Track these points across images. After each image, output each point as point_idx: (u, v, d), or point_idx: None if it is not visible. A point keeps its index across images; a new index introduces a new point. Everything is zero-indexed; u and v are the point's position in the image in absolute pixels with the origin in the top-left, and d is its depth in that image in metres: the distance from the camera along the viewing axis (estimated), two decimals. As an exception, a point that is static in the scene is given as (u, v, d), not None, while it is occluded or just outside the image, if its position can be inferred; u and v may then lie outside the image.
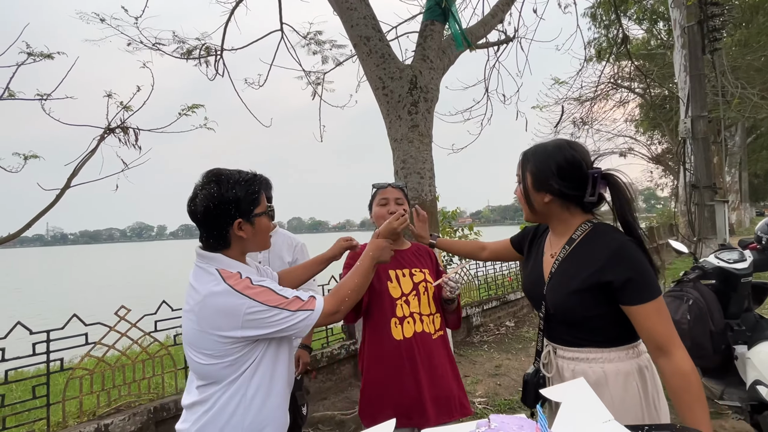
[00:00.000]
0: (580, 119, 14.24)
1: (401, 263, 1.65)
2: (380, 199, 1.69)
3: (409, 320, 1.56)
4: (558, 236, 1.24)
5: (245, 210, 1.18)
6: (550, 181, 1.16)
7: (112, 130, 4.27)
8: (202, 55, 4.98)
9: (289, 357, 1.28)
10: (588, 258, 1.12)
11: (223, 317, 1.09)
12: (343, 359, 3.82)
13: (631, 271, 1.05)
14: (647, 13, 13.49)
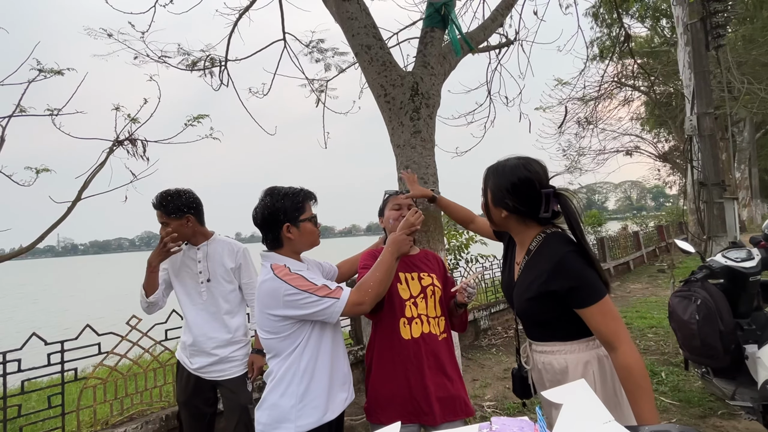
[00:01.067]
0: (584, 119, 14.17)
1: (410, 267, 1.71)
2: (393, 204, 1.80)
3: (417, 321, 1.62)
4: (520, 246, 1.37)
5: (292, 216, 1.49)
6: (505, 199, 1.29)
7: (121, 143, 4.35)
8: (206, 66, 5.07)
9: (333, 341, 1.52)
10: (537, 269, 1.26)
11: (270, 298, 1.39)
12: (352, 365, 3.83)
13: (572, 280, 1.18)
14: (649, 11, 13.43)
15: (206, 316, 2.10)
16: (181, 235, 2.06)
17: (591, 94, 12.71)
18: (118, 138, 4.33)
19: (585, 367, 1.24)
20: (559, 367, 1.27)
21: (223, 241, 2.20)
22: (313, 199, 1.59)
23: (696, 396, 3.07)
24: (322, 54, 5.73)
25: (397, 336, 1.59)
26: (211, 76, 5.14)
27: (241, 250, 2.20)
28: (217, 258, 2.13)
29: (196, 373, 2.09)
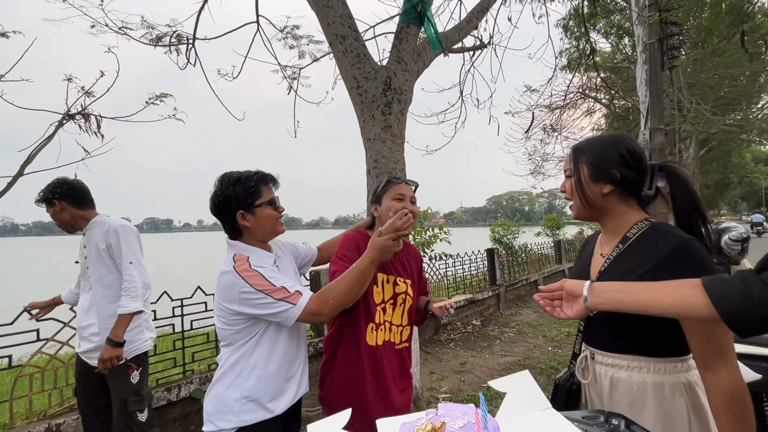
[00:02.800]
0: (549, 126, 14.75)
1: (388, 269, 1.59)
2: (396, 194, 1.55)
3: (382, 327, 1.54)
4: (610, 235, 1.13)
5: (245, 203, 1.38)
6: (611, 170, 1.07)
7: (72, 116, 4.06)
8: (172, 43, 4.81)
9: (290, 337, 1.45)
10: (644, 255, 1.01)
11: (227, 292, 1.33)
12: (311, 356, 3.81)
13: (692, 270, 0.90)
14: (614, 28, 14.13)
15: (87, 300, 2.08)
16: (60, 222, 2.10)
17: (557, 103, 13.25)
18: (69, 111, 4.04)
19: (672, 391, 0.97)
20: (636, 387, 1.00)
21: (100, 222, 2.13)
22: (271, 181, 1.46)
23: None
24: (296, 41, 5.60)
25: (363, 341, 1.50)
26: (177, 53, 4.88)
27: (111, 229, 2.07)
28: (92, 241, 2.09)
29: (82, 357, 2.08)
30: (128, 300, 2.01)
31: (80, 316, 2.10)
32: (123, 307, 2.00)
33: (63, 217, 2.10)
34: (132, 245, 2.10)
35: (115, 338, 1.96)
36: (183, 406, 2.89)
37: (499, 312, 6.52)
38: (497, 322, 5.99)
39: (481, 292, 6.32)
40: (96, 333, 2.03)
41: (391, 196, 1.56)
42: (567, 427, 0.68)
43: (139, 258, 2.11)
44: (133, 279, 2.03)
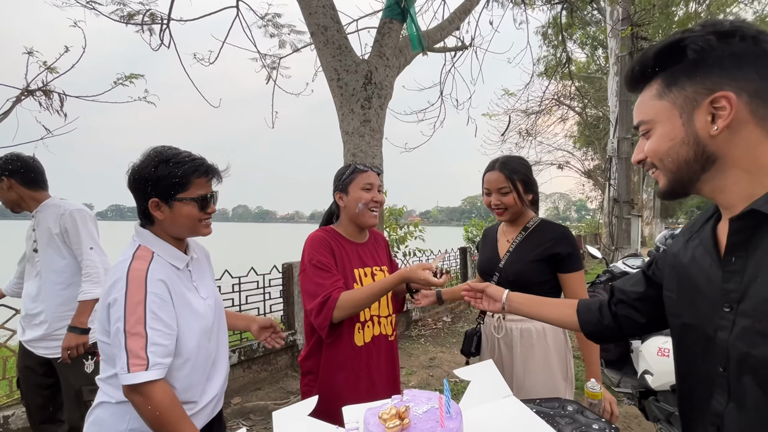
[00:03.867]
0: (525, 130, 15.14)
1: (364, 261, 1.53)
2: (365, 183, 1.49)
3: (369, 324, 1.47)
4: (515, 227, 1.64)
5: (163, 191, 1.13)
6: (532, 186, 1.61)
7: (32, 92, 3.83)
8: (145, 22, 4.60)
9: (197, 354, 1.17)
10: (539, 239, 1.55)
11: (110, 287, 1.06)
12: (280, 350, 3.78)
13: (572, 247, 1.50)
14: (589, 39, 14.64)
15: (34, 287, 1.99)
16: (5, 200, 1.98)
17: (533, 108, 13.62)
18: (28, 86, 3.81)
19: (555, 331, 1.52)
20: (537, 333, 1.51)
21: (53, 204, 2.02)
22: (208, 175, 1.19)
23: (590, 385, 3.49)
24: (277, 29, 5.48)
25: (350, 342, 1.42)
26: (150, 33, 4.67)
27: (67, 213, 1.97)
28: (44, 224, 1.98)
29: (26, 346, 1.99)
30: (91, 286, 1.93)
31: (27, 303, 2.00)
32: (85, 293, 1.92)
33: (9, 196, 1.97)
34: (90, 230, 2.01)
35: (80, 325, 1.90)
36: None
37: (470, 309, 6.67)
38: (467, 319, 6.13)
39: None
40: (44, 321, 1.94)
41: (360, 186, 1.49)
42: (526, 413, 0.72)
43: (99, 243, 2.02)
44: (95, 264, 1.95)
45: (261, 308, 3.80)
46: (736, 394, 0.61)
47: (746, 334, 0.59)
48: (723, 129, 0.60)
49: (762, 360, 0.57)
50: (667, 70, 0.64)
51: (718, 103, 0.60)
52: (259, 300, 3.78)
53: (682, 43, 0.61)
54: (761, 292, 0.58)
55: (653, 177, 0.73)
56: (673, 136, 0.64)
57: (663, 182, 0.69)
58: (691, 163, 0.64)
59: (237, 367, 3.44)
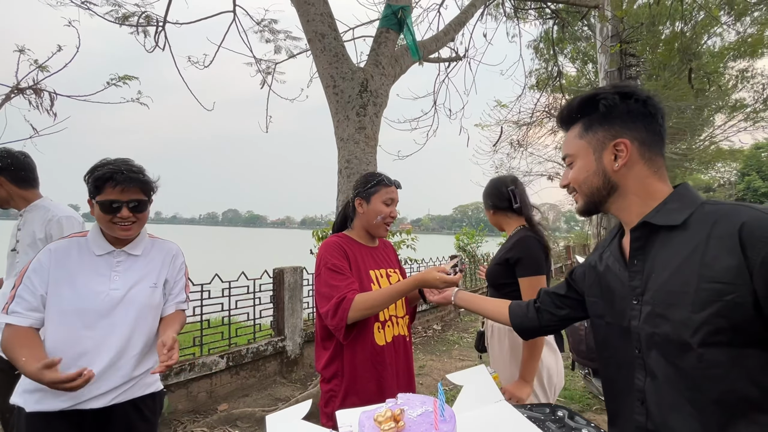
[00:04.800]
0: (516, 141, 15.35)
1: (379, 263, 1.57)
2: (387, 197, 1.55)
3: (389, 324, 1.50)
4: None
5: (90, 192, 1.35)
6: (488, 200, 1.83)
7: (22, 91, 3.79)
8: (140, 24, 4.59)
9: (55, 333, 1.31)
10: (506, 245, 1.73)
11: None
12: (269, 356, 3.73)
13: (522, 253, 1.61)
14: (580, 54, 14.99)
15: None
16: None
17: (524, 120, 13.83)
18: (18, 84, 3.76)
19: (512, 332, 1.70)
20: (506, 328, 1.62)
21: (43, 207, 1.94)
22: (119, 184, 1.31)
23: (578, 394, 3.51)
24: (273, 35, 5.51)
25: (371, 342, 1.44)
26: (145, 35, 4.66)
27: (55, 219, 1.89)
28: (30, 226, 1.89)
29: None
30: None
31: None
32: None
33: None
34: None
35: None
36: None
37: (460, 318, 6.68)
38: (457, 328, 6.14)
39: (443, 297, 6.45)
40: None
41: (382, 199, 1.54)
42: (517, 418, 0.73)
43: None
44: None
45: (251, 313, 3.76)
46: (650, 369, 0.78)
47: (650, 317, 0.77)
48: (622, 166, 0.82)
49: (663, 336, 0.74)
50: (585, 117, 0.85)
51: (618, 146, 0.82)
52: (249, 305, 3.75)
53: (597, 98, 0.83)
54: (656, 284, 0.77)
55: (573, 198, 0.92)
56: (588, 169, 0.85)
57: (580, 203, 0.89)
58: (600, 190, 0.85)
59: (225, 373, 3.39)
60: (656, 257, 0.78)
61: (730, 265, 0.68)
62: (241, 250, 41.85)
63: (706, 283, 0.70)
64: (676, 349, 0.73)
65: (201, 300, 3.33)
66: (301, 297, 4.10)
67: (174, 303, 1.53)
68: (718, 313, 0.68)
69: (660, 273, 0.77)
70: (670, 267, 0.75)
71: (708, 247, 0.71)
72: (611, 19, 6.91)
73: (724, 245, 0.69)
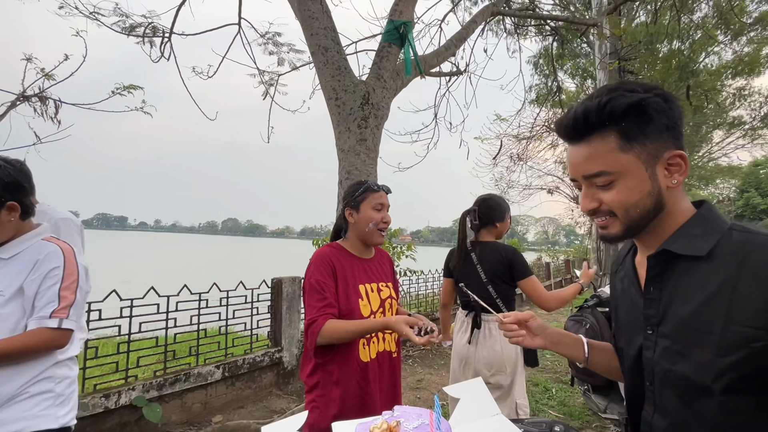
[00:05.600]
0: (516, 155, 15.45)
1: (370, 276, 1.54)
2: (376, 203, 1.52)
3: (374, 340, 1.48)
4: None
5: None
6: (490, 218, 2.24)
7: (27, 98, 3.83)
8: (147, 34, 4.67)
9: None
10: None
11: None
12: (265, 367, 3.69)
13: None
14: (579, 71, 15.21)
15: None
16: None
17: (524, 134, 13.95)
18: (24, 92, 3.81)
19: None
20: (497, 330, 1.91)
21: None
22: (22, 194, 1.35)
23: (577, 410, 3.46)
24: (277, 47, 5.60)
25: (356, 358, 1.42)
26: (151, 45, 4.74)
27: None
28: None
29: None
30: None
31: None
32: None
33: None
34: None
35: None
36: (122, 414, 2.70)
37: (458, 331, 6.62)
38: (455, 341, 6.08)
39: (442, 310, 6.41)
40: None
41: (371, 205, 1.51)
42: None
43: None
44: None
45: (248, 323, 3.74)
46: (660, 405, 0.72)
47: (667, 353, 0.69)
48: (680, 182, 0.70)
49: (680, 375, 0.67)
50: (620, 125, 0.68)
51: (674, 159, 0.69)
52: (247, 315, 3.72)
53: (644, 102, 0.67)
54: (676, 317, 0.69)
55: (598, 224, 0.76)
56: (642, 188, 0.69)
57: (617, 229, 0.73)
58: (651, 212, 0.71)
59: (220, 384, 3.35)
60: (676, 287, 0.70)
61: (763, 307, 0.60)
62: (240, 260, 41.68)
63: (734, 326, 0.62)
64: (694, 391, 0.66)
65: (198, 309, 3.30)
66: (299, 308, 4.07)
67: (36, 318, 1.23)
68: (745, 360, 0.61)
69: (680, 306, 0.69)
70: (693, 301, 0.67)
71: (738, 284, 0.63)
72: (609, 37, 7.04)
73: (758, 284, 0.62)
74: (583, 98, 0.74)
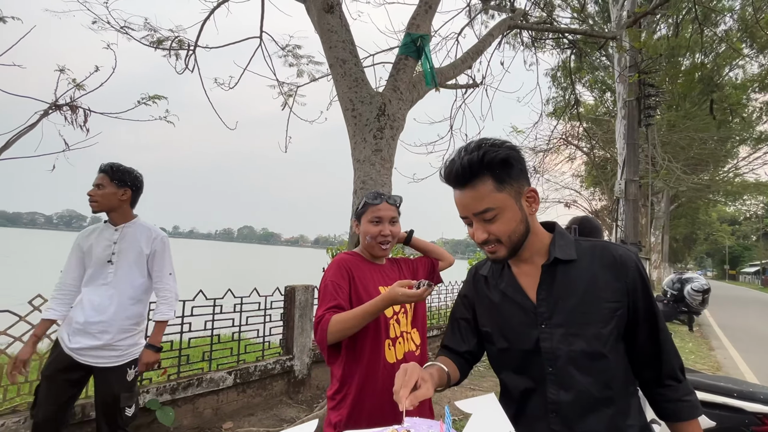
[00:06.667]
0: (532, 168, 15.29)
1: (386, 279, 1.53)
2: (373, 216, 1.49)
3: (400, 340, 1.46)
4: None
5: None
6: None
7: (59, 107, 4.00)
8: (173, 47, 4.86)
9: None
10: None
11: None
12: (276, 375, 3.70)
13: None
14: (598, 83, 15.04)
15: (105, 297, 2.02)
16: (107, 206, 2.07)
17: (541, 146, 13.81)
18: (56, 101, 3.98)
19: None
20: None
21: (143, 225, 2.16)
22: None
23: None
24: (296, 59, 5.74)
25: (383, 360, 1.39)
26: (176, 58, 4.93)
27: (159, 238, 2.15)
28: (132, 241, 2.09)
29: (71, 353, 1.97)
30: (167, 309, 2.14)
31: (88, 312, 1.99)
32: (163, 315, 2.13)
33: (115, 204, 2.06)
34: (170, 257, 2.20)
35: (156, 344, 2.13)
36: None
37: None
38: (468, 355, 5.96)
39: (455, 323, 6.32)
40: (106, 331, 1.99)
41: (368, 218, 1.49)
42: (527, 451, 0.70)
43: (174, 270, 2.21)
44: (172, 289, 2.16)
45: (261, 330, 3.76)
46: (563, 382, 0.91)
47: (565, 338, 0.91)
48: (537, 210, 0.96)
49: (578, 351, 0.89)
50: (492, 172, 0.89)
51: (529, 194, 0.94)
52: (260, 322, 3.75)
53: (508, 155, 0.90)
54: (566, 309, 0.92)
55: (487, 251, 0.95)
56: (515, 218, 0.92)
57: (503, 252, 0.94)
58: (524, 235, 0.94)
59: (231, 390, 3.36)
60: (560, 286, 0.93)
61: (617, 287, 0.91)
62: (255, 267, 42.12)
63: (605, 303, 0.90)
64: (591, 359, 0.89)
65: (213, 315, 3.35)
66: (312, 316, 4.08)
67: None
68: (616, 324, 0.91)
69: (567, 299, 0.92)
70: (576, 293, 0.92)
71: (599, 274, 0.92)
72: (629, 50, 6.96)
73: (612, 272, 0.92)
74: (455, 151, 0.95)
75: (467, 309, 1.11)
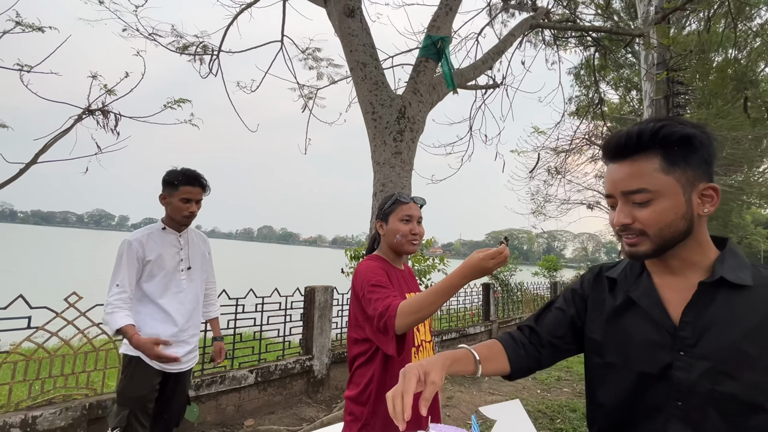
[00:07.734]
0: (554, 168, 14.97)
1: (410, 285, 1.53)
2: (403, 215, 1.51)
3: (422, 348, 1.47)
4: None
5: None
6: None
7: (92, 112, 4.18)
8: (198, 53, 5.00)
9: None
10: None
11: None
12: (296, 374, 3.75)
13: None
14: (623, 82, 14.60)
15: (190, 303, 2.04)
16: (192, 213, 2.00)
17: (563, 147, 13.51)
18: (89, 107, 4.16)
19: None
20: None
21: (192, 229, 2.18)
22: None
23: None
24: (316, 62, 5.81)
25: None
26: (200, 62, 5.07)
27: (206, 238, 2.25)
28: (196, 246, 2.12)
29: (160, 366, 1.89)
30: (218, 305, 2.29)
31: (179, 319, 1.95)
32: (218, 311, 2.29)
33: (195, 211, 2.02)
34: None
35: (221, 336, 2.28)
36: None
37: (490, 348, 6.43)
38: (487, 359, 5.89)
39: (474, 326, 6.25)
40: (196, 334, 2.09)
41: (399, 217, 1.50)
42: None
43: None
44: (216, 288, 2.32)
45: (281, 330, 3.82)
46: (698, 423, 0.73)
47: (710, 374, 0.72)
48: (710, 212, 0.75)
49: (726, 394, 0.71)
50: (664, 150, 0.73)
51: (707, 191, 0.75)
52: (280, 322, 3.81)
53: (693, 135, 0.73)
54: (719, 341, 0.73)
55: (626, 241, 0.78)
56: (677, 210, 0.74)
57: (646, 247, 0.76)
58: (681, 234, 0.75)
59: (253, 388, 3.43)
60: (717, 312, 0.74)
61: None
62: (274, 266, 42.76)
63: None
64: (742, 410, 0.71)
65: (235, 314, 3.42)
66: (331, 317, 4.12)
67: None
68: None
69: (724, 330, 0.73)
70: (741, 326, 0.72)
71: None
72: (657, 47, 6.73)
73: None
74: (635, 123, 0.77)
75: (571, 304, 0.93)
